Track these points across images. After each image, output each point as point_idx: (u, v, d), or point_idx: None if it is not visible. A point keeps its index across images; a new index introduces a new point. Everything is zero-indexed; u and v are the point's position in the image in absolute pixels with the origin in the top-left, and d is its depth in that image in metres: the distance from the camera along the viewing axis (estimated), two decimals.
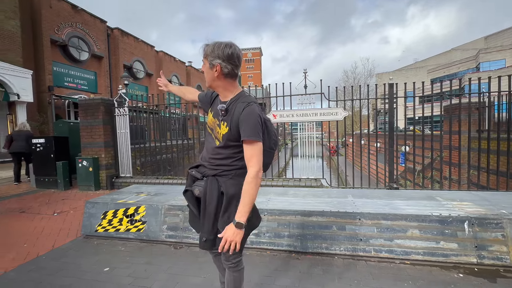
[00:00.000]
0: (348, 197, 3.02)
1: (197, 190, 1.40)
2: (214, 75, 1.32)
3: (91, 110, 5.54)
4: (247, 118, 1.25)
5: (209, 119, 1.46)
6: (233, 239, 1.22)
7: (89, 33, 15.76)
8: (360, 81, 32.74)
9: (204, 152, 1.47)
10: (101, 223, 3.06)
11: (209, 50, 1.31)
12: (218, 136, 1.36)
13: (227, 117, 1.31)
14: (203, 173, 1.42)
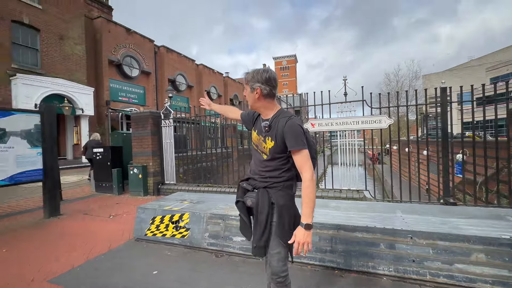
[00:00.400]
0: (397, 212, 2.79)
1: (249, 201, 1.53)
2: (255, 97, 1.52)
3: (141, 122, 6.09)
4: (291, 130, 1.41)
5: (254, 137, 1.61)
6: (304, 241, 1.34)
7: (140, 52, 17.51)
8: (404, 84, 30.37)
9: (253, 166, 1.61)
10: (150, 227, 3.30)
11: (250, 77, 1.52)
12: (265, 150, 1.50)
13: (271, 132, 1.47)
14: (253, 185, 1.56)
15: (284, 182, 1.49)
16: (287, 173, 1.49)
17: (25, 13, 11.68)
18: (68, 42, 13.32)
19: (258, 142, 1.56)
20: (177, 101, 20.01)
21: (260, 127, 1.55)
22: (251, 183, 1.58)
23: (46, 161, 4.43)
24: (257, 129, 1.60)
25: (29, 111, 4.47)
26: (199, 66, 24.08)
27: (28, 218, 4.51)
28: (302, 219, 1.37)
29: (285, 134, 1.41)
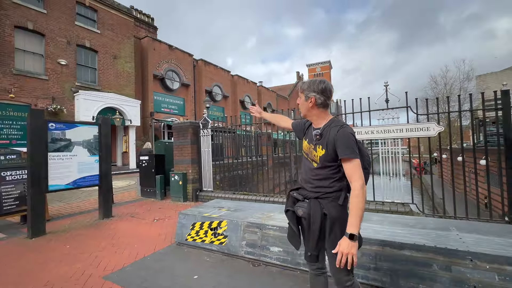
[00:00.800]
0: (452, 230, 2.51)
1: (301, 211, 1.56)
2: (309, 106, 1.57)
3: (182, 131, 6.49)
4: (342, 138, 1.43)
5: (304, 145, 1.66)
6: (348, 252, 1.31)
7: (180, 66, 18.81)
8: (453, 86, 27.49)
9: (303, 174, 1.64)
10: (190, 233, 3.45)
11: (305, 86, 1.59)
12: (315, 158, 1.54)
13: (322, 141, 1.51)
14: (304, 195, 1.59)
15: (336, 193, 1.50)
16: (338, 183, 1.50)
17: (86, 38, 13.44)
18: (120, 61, 14.92)
19: (309, 150, 1.60)
20: (213, 111, 20.91)
21: (311, 135, 1.59)
22: (302, 193, 1.61)
23: (101, 167, 4.96)
24: (307, 138, 1.64)
25: (90, 123, 5.07)
26: (234, 77, 24.93)
27: (86, 218, 5.05)
28: (348, 229, 1.35)
29: (337, 142, 1.43)
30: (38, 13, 11.67)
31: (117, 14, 14.96)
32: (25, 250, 3.49)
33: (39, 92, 11.60)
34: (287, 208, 1.67)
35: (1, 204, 4.37)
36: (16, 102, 10.92)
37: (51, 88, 11.99)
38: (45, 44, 11.90)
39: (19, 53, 11.19)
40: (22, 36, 11.32)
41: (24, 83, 11.17)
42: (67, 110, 12.23)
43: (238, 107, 24.76)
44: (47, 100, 11.79)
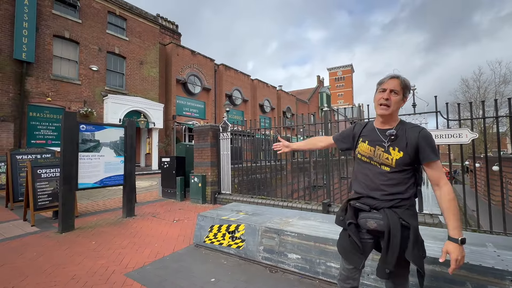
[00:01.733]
0: (488, 246, 2.31)
1: (373, 222, 1.42)
2: (400, 105, 1.48)
3: (203, 135, 6.62)
4: (427, 140, 1.39)
5: (364, 148, 1.53)
6: (462, 256, 1.30)
7: (202, 70, 19.32)
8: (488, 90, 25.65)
9: (367, 181, 1.48)
10: (208, 235, 3.48)
11: (408, 82, 1.46)
12: (388, 162, 1.43)
13: (397, 142, 1.42)
14: (372, 205, 1.45)
15: (410, 200, 1.42)
16: (412, 189, 1.42)
17: (116, 45, 14.25)
18: (146, 66, 15.63)
19: (374, 153, 1.47)
20: (233, 114, 21.18)
21: (376, 136, 1.49)
22: (366, 202, 1.46)
23: (126, 168, 5.18)
24: (368, 139, 1.52)
25: (116, 125, 5.34)
26: (254, 81, 25.13)
27: (111, 216, 5.29)
28: (454, 234, 1.30)
29: (421, 145, 1.37)
30: (74, 23, 12.59)
31: (144, 22, 15.73)
32: (55, 244, 3.72)
33: (72, 96, 12.45)
34: (349, 221, 1.49)
35: (36, 199, 4.70)
36: (52, 105, 11.79)
37: (83, 92, 12.82)
38: (79, 51, 12.79)
39: (56, 60, 12.11)
40: (60, 44, 12.26)
41: (60, 87, 12.04)
42: (96, 113, 12.99)
43: (258, 111, 24.87)
44: (79, 103, 12.61)
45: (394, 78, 1.43)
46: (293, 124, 26.23)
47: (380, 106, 1.45)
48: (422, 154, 1.37)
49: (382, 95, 1.44)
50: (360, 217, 1.47)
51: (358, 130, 1.61)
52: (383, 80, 1.47)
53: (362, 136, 1.56)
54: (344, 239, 1.54)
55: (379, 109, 1.46)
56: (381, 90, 1.46)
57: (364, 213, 1.46)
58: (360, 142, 1.55)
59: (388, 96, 1.42)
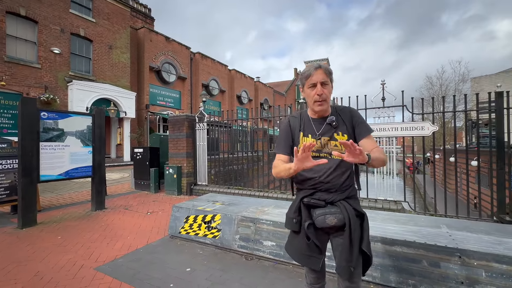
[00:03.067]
0: (442, 227, 2.56)
1: (333, 218, 1.30)
2: (331, 92, 1.42)
3: (178, 125, 6.43)
4: (360, 116, 1.42)
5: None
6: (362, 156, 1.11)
7: (177, 58, 18.57)
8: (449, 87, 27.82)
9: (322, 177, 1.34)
10: (183, 226, 3.45)
11: (330, 70, 1.38)
12: (338, 149, 1.34)
13: (338, 127, 1.39)
14: (329, 199, 1.34)
15: (354, 187, 1.40)
16: (353, 174, 1.41)
17: (81, 26, 13.12)
18: (115, 51, 14.64)
19: (321, 145, 1.38)
20: (209, 105, 20.77)
21: (315, 128, 1.40)
22: (321, 197, 1.34)
23: (95, 158, 4.89)
24: (310, 133, 1.41)
25: (83, 113, 4.98)
26: (231, 71, 24.74)
27: (78, 210, 5.00)
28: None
29: (356, 121, 1.38)
30: None
31: (113, 3, 14.63)
32: (15, 240, 3.45)
33: (31, 81, 11.33)
34: (308, 222, 1.33)
35: None
36: (7, 90, 10.65)
37: (43, 77, 11.72)
38: (38, 31, 11.59)
39: (11, 40, 10.88)
40: (14, 22, 10.99)
41: (16, 71, 10.88)
42: (60, 100, 11.99)
43: (235, 102, 24.63)
44: (39, 89, 11.53)
45: (319, 69, 1.34)
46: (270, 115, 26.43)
47: (316, 103, 1.36)
48: (358, 129, 1.37)
49: (315, 91, 1.34)
50: (317, 215, 1.32)
51: (296, 124, 1.46)
52: (309, 73, 1.36)
53: (303, 130, 1.43)
54: (300, 244, 1.37)
55: (316, 106, 1.36)
56: (311, 85, 1.36)
57: (319, 209, 1.33)
58: (302, 136, 1.42)
59: (321, 91, 1.33)
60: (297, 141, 1.42)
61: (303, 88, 1.44)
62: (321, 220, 1.30)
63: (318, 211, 1.33)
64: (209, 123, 6.46)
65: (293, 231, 1.43)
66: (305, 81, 1.39)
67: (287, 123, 1.49)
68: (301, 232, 1.37)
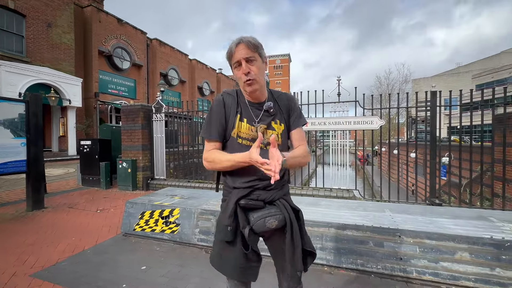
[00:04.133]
0: (386, 211, 2.84)
1: (274, 221, 1.11)
2: (264, 69, 1.17)
3: (132, 115, 5.96)
4: (297, 105, 1.28)
5: (244, 129, 1.17)
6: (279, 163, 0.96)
7: (131, 43, 17.10)
8: (394, 87, 31.06)
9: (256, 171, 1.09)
10: (139, 222, 3.24)
11: (256, 42, 1.13)
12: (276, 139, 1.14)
13: (277, 114, 1.21)
14: (267, 199, 1.15)
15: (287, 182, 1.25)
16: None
17: None
18: (56, 30, 12.85)
19: (257, 133, 1.14)
20: (168, 95, 19.71)
21: (252, 113, 1.17)
22: (260, 197, 1.14)
23: (30, 152, 4.27)
24: (246, 117, 1.17)
25: (14, 99, 4.28)
26: (192, 61, 23.76)
27: (11, 210, 4.34)
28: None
29: (292, 109, 1.24)
30: None
31: None
32: None
33: None
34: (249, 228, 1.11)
35: None
36: None
37: None
38: None
39: None
40: None
41: None
42: None
43: (196, 93, 23.81)
44: None
45: (240, 44, 1.11)
46: None
47: (246, 84, 1.12)
48: (293, 119, 1.24)
49: (241, 70, 1.12)
50: (255, 218, 1.11)
51: (232, 104, 1.19)
52: (230, 51, 1.13)
53: (239, 112, 1.18)
54: (236, 255, 1.12)
55: (248, 88, 1.14)
56: (236, 65, 1.13)
57: (257, 212, 1.12)
58: (238, 120, 1.16)
59: (248, 69, 1.11)
60: (232, 125, 1.16)
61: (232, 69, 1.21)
62: (261, 224, 1.09)
63: (256, 214, 1.11)
64: (167, 114, 6.12)
65: (225, 242, 1.13)
66: (229, 61, 1.17)
67: (221, 101, 1.20)
68: (236, 242, 1.12)
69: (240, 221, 1.11)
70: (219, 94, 1.25)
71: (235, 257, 1.12)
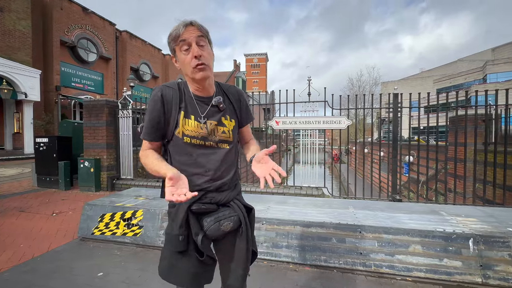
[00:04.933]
0: (349, 208, 2.95)
1: (229, 223, 1.06)
2: (213, 58, 1.06)
3: (95, 111, 5.58)
4: (246, 99, 1.26)
5: (191, 127, 1.05)
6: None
7: (98, 35, 16.04)
8: (365, 89, 32.65)
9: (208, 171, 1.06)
10: (98, 225, 3.03)
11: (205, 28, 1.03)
12: (226, 136, 1.11)
13: (227, 109, 1.12)
14: (221, 201, 1.09)
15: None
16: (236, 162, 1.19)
17: None
18: (9, 15, 11.63)
19: (207, 131, 1.06)
20: (140, 91, 18.83)
21: (199, 109, 1.07)
22: (214, 199, 1.07)
23: None
24: (193, 114, 1.06)
25: None
26: (166, 56, 22.92)
27: None
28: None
29: (243, 104, 1.18)
30: None
31: None
32: None
33: None
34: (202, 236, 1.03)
35: None
36: None
37: None
38: None
39: None
40: None
41: None
42: None
43: None
44: None
45: (190, 26, 0.99)
46: None
47: (196, 69, 0.99)
48: (244, 115, 1.19)
49: (191, 53, 0.98)
50: (209, 223, 1.03)
51: (174, 98, 1.06)
52: (178, 32, 0.98)
53: (183, 108, 1.06)
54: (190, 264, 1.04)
55: (197, 74, 1.00)
56: (185, 47, 0.99)
57: (209, 215, 1.05)
58: (182, 117, 1.05)
59: (199, 52, 0.98)
60: (175, 123, 1.05)
61: (174, 56, 1.05)
62: (215, 228, 1.02)
63: (209, 218, 1.04)
64: (135, 110, 5.82)
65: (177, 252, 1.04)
66: (174, 45, 1.01)
67: (159, 97, 1.04)
68: (189, 250, 1.04)
69: (192, 229, 1.03)
70: (156, 88, 1.07)
71: (190, 265, 1.04)
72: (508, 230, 2.25)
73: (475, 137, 4.11)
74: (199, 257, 1.04)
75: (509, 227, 2.31)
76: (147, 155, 1.05)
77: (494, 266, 2.09)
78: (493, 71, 28.81)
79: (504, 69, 28.22)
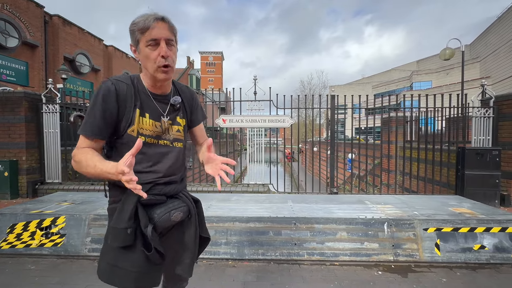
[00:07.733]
0: (288, 202, 3.10)
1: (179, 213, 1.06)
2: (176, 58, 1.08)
3: (10, 105, 4.75)
4: (198, 100, 1.27)
5: (147, 125, 1.03)
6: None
7: (20, 17, 13.74)
8: (315, 91, 34.93)
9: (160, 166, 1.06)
10: (7, 238, 2.58)
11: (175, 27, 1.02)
12: (180, 135, 1.13)
13: (180, 109, 1.13)
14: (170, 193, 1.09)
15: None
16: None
17: None
18: None
19: (161, 130, 1.07)
20: (77, 85, 16.76)
21: (155, 106, 1.06)
22: (163, 191, 1.06)
23: None
24: (149, 112, 1.04)
25: None
26: (108, 48, 20.85)
27: None
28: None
29: (196, 105, 1.22)
30: None
31: None
32: None
33: None
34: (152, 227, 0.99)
35: None
36: None
37: None
38: None
39: None
40: None
41: None
42: None
43: None
44: None
45: (162, 22, 0.96)
46: None
47: (160, 70, 0.98)
48: (196, 114, 1.23)
49: (158, 50, 0.96)
50: (159, 214, 1.02)
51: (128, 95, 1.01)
52: (147, 24, 0.94)
53: (138, 106, 1.02)
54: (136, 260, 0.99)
55: (161, 75, 0.99)
56: (152, 42, 0.95)
57: (159, 207, 1.04)
58: (138, 115, 1.01)
59: (167, 52, 0.97)
60: (129, 120, 1.00)
61: (135, 46, 1.00)
62: (166, 218, 1.02)
63: (159, 209, 1.03)
64: (64, 105, 5.13)
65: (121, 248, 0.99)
66: (140, 36, 0.96)
67: (112, 91, 0.98)
68: (136, 244, 0.99)
69: (141, 220, 0.99)
70: (107, 81, 1.00)
71: (134, 263, 0.99)
72: (414, 213, 2.64)
73: (396, 136, 4.73)
74: (147, 251, 0.99)
75: (415, 211, 2.72)
76: (84, 152, 0.95)
77: (402, 244, 2.43)
78: (418, 80, 33.77)
79: (425, 79, 33.31)
